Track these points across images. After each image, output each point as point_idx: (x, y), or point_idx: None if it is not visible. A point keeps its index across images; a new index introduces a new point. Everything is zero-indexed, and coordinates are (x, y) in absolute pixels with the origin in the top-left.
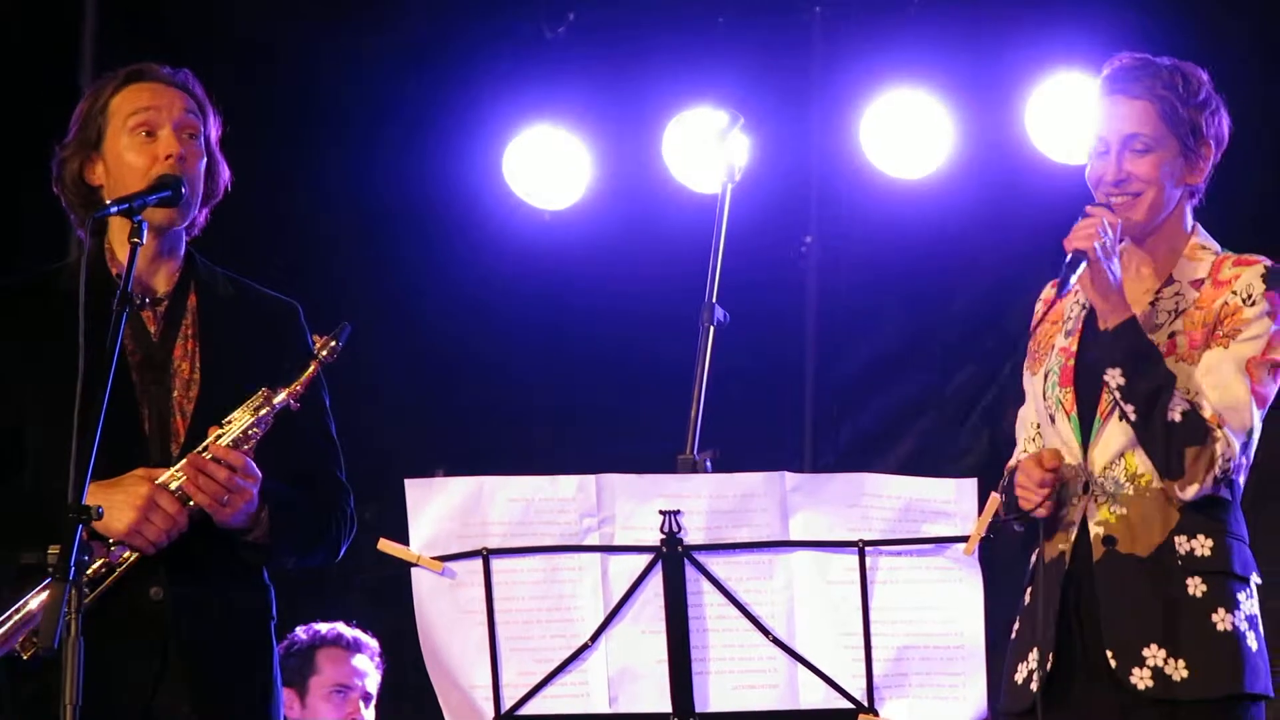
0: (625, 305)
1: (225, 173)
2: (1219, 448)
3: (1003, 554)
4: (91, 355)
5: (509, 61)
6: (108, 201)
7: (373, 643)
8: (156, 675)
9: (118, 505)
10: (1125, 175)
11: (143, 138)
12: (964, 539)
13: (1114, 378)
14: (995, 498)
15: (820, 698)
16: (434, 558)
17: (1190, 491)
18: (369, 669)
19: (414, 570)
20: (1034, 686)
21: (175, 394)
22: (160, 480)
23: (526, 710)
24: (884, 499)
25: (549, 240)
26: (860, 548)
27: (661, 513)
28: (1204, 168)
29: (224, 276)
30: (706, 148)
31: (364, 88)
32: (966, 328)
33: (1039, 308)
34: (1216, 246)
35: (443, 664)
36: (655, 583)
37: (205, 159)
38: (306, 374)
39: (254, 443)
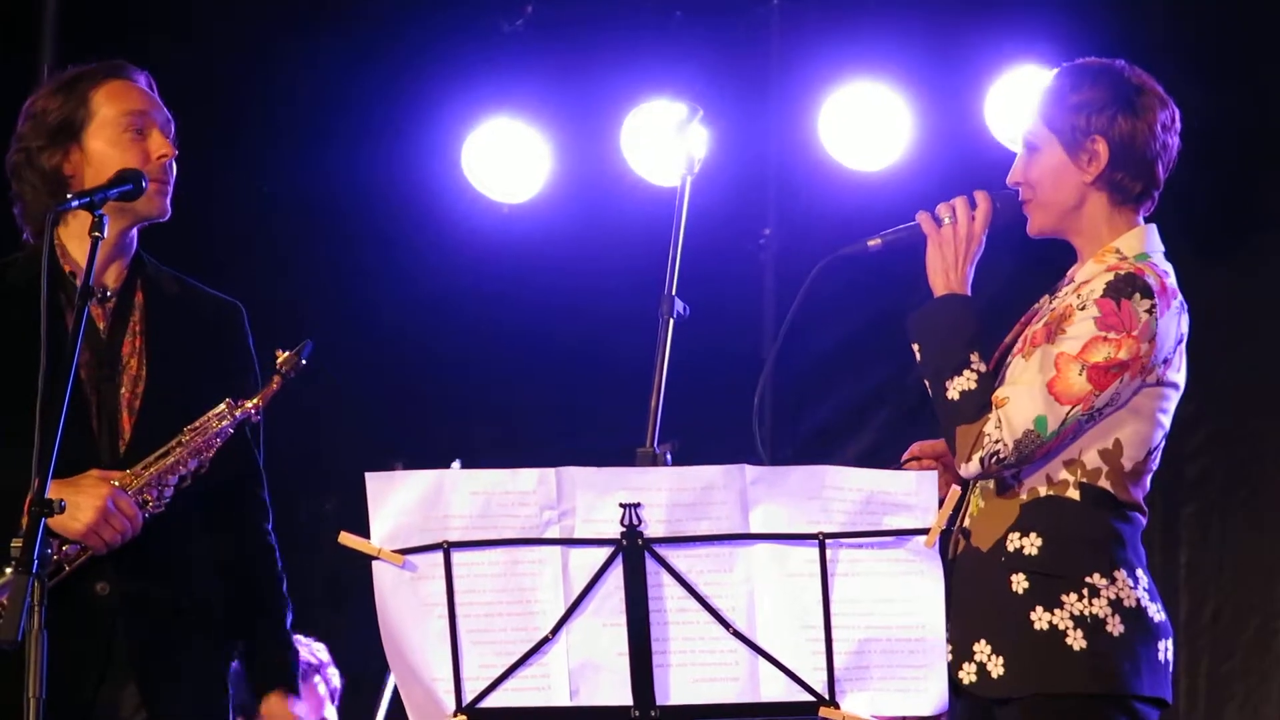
0: (584, 298)
1: None
2: (989, 428)
3: None
4: (48, 350)
5: (467, 54)
6: (69, 195)
7: (318, 653)
8: (100, 672)
9: (76, 506)
10: (1019, 176)
11: (133, 135)
12: (925, 531)
13: (916, 352)
14: (956, 490)
15: (781, 691)
16: (395, 551)
17: (965, 469)
18: (320, 693)
19: (375, 564)
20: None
21: (123, 390)
22: (119, 482)
23: (487, 703)
24: (844, 491)
25: (508, 233)
26: (821, 540)
27: (622, 505)
28: (1098, 164)
29: (169, 275)
30: (665, 140)
31: (320, 80)
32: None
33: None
34: (1139, 251)
35: (404, 657)
36: (616, 576)
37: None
38: (270, 389)
39: (213, 451)
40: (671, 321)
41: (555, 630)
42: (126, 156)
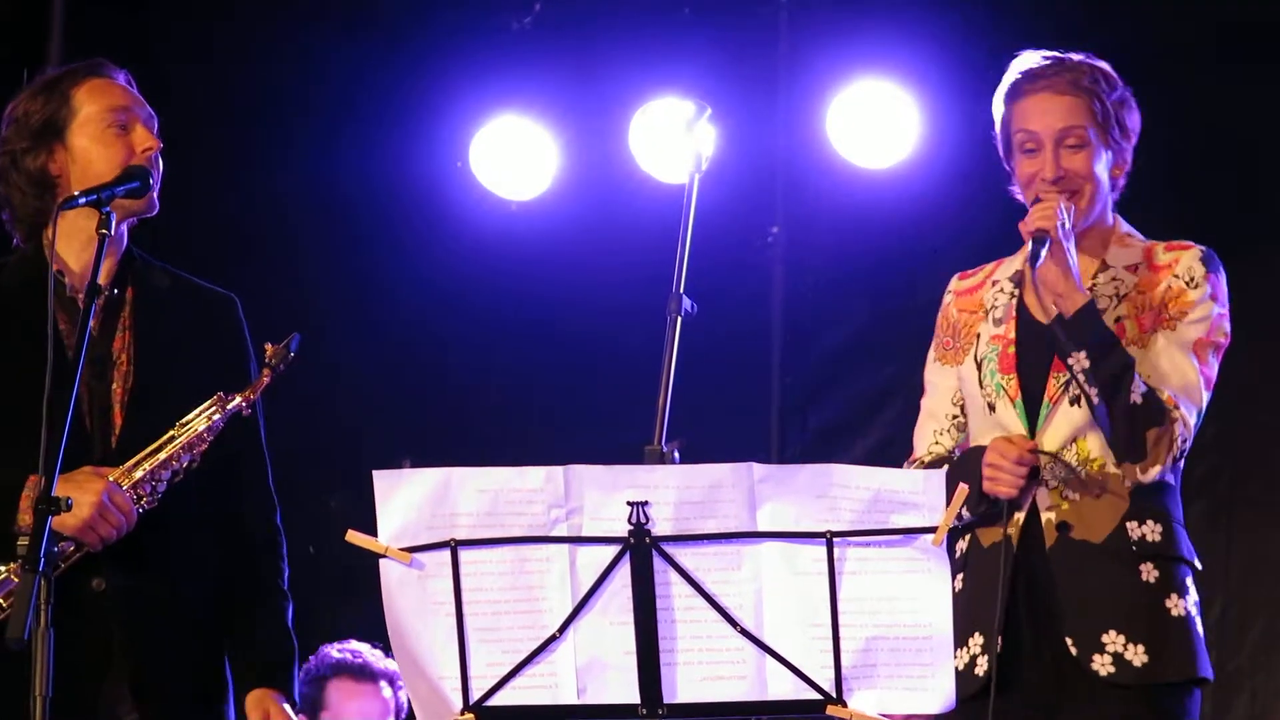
0: (592, 295)
1: None
2: (1178, 429)
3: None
4: (35, 350)
5: (475, 52)
6: (75, 191)
7: (389, 665)
8: (99, 668)
9: (74, 502)
10: (1063, 172)
11: (117, 131)
12: (932, 530)
13: (1078, 361)
14: (963, 488)
15: (789, 689)
16: (402, 549)
17: (1152, 473)
18: (385, 696)
19: (382, 561)
20: (979, 671)
21: (115, 386)
22: (113, 478)
23: (495, 701)
24: (852, 490)
25: (515, 231)
26: (828, 539)
27: (629, 504)
28: (1127, 160)
29: (160, 269)
30: (673, 138)
31: (329, 79)
32: (933, 317)
33: (947, 299)
34: (1141, 236)
35: (411, 655)
36: (623, 574)
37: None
38: (260, 382)
39: (206, 445)
40: (679, 319)
41: (563, 628)
42: (111, 152)
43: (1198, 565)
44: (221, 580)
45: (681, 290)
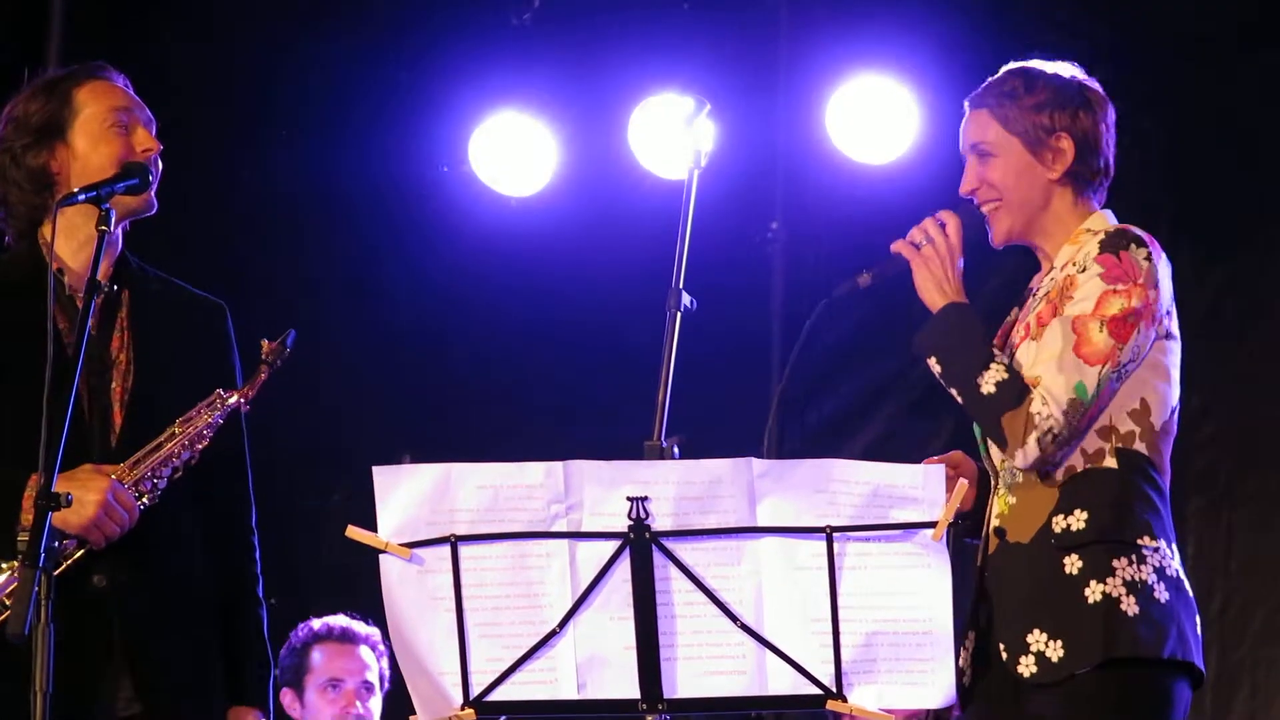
0: (592, 291)
1: None
2: (1035, 406)
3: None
4: (35, 349)
5: (474, 48)
6: (75, 189)
7: (371, 631)
8: (101, 664)
9: (79, 500)
10: (978, 183)
11: (118, 131)
12: (932, 525)
13: (933, 367)
14: (964, 483)
15: (789, 684)
16: (402, 544)
17: (1021, 458)
18: (367, 660)
19: (382, 557)
20: (966, 681)
21: (114, 385)
22: (115, 475)
23: (495, 697)
24: (851, 485)
25: (515, 226)
26: (828, 533)
27: (629, 499)
28: (1064, 160)
29: (153, 274)
30: (673, 133)
31: (328, 75)
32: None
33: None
34: (1109, 228)
35: (411, 650)
36: (623, 569)
37: None
38: (257, 378)
39: (206, 442)
40: (679, 315)
41: (563, 624)
42: (112, 151)
43: (1144, 541)
44: (212, 575)
45: (681, 286)
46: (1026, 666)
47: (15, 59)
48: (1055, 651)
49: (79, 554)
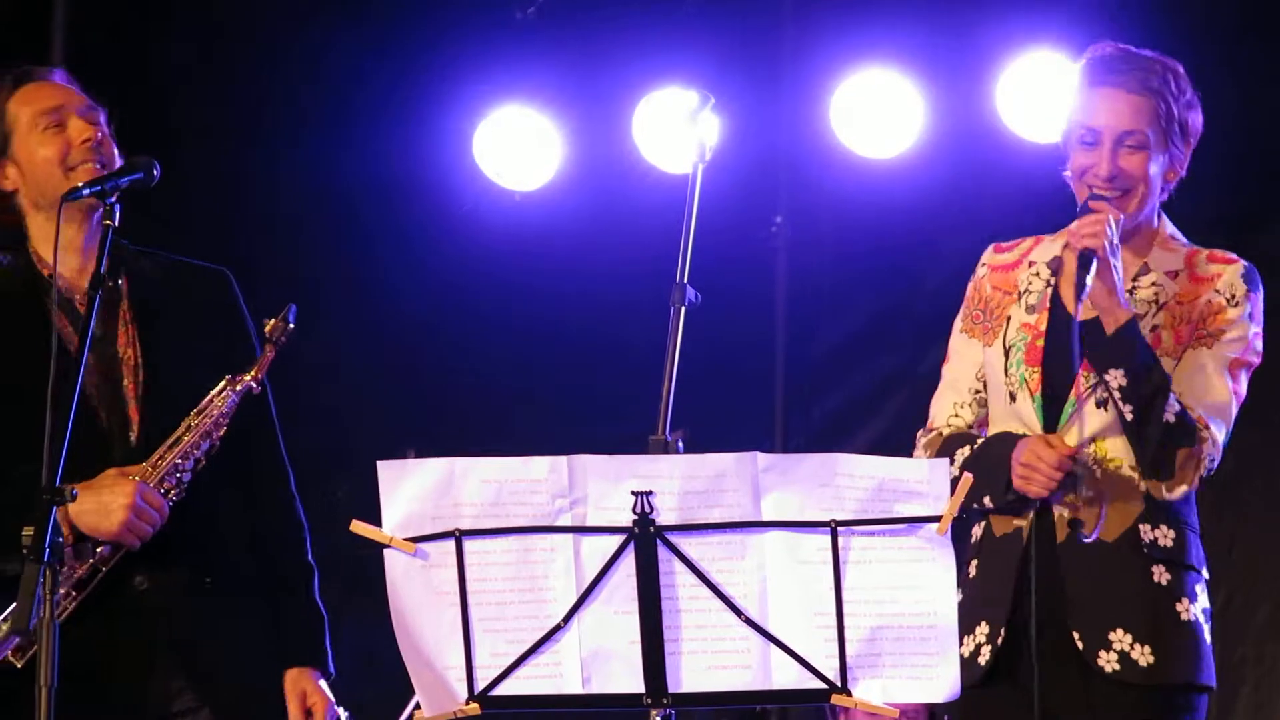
0: (596, 286)
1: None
2: (1206, 448)
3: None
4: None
5: (478, 42)
6: (28, 204)
7: None
8: (151, 662)
9: (106, 507)
10: (1117, 171)
11: (53, 131)
12: (937, 519)
13: (1116, 378)
14: (968, 478)
15: (793, 678)
16: (406, 539)
17: (1178, 492)
18: None
19: (386, 551)
20: (982, 660)
21: (126, 382)
22: (138, 476)
23: (499, 691)
24: (856, 479)
25: (519, 221)
26: (833, 528)
27: (634, 493)
28: (1184, 164)
29: (149, 255)
30: (677, 128)
31: (332, 69)
32: (937, 307)
33: (981, 271)
34: (1184, 239)
35: (416, 645)
36: (628, 563)
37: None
38: (265, 358)
39: (222, 430)
40: (683, 309)
41: (567, 618)
42: (50, 151)
43: (1207, 575)
44: (253, 558)
45: (685, 280)
46: (1109, 662)
47: (18, 56)
48: (1144, 657)
49: (116, 558)
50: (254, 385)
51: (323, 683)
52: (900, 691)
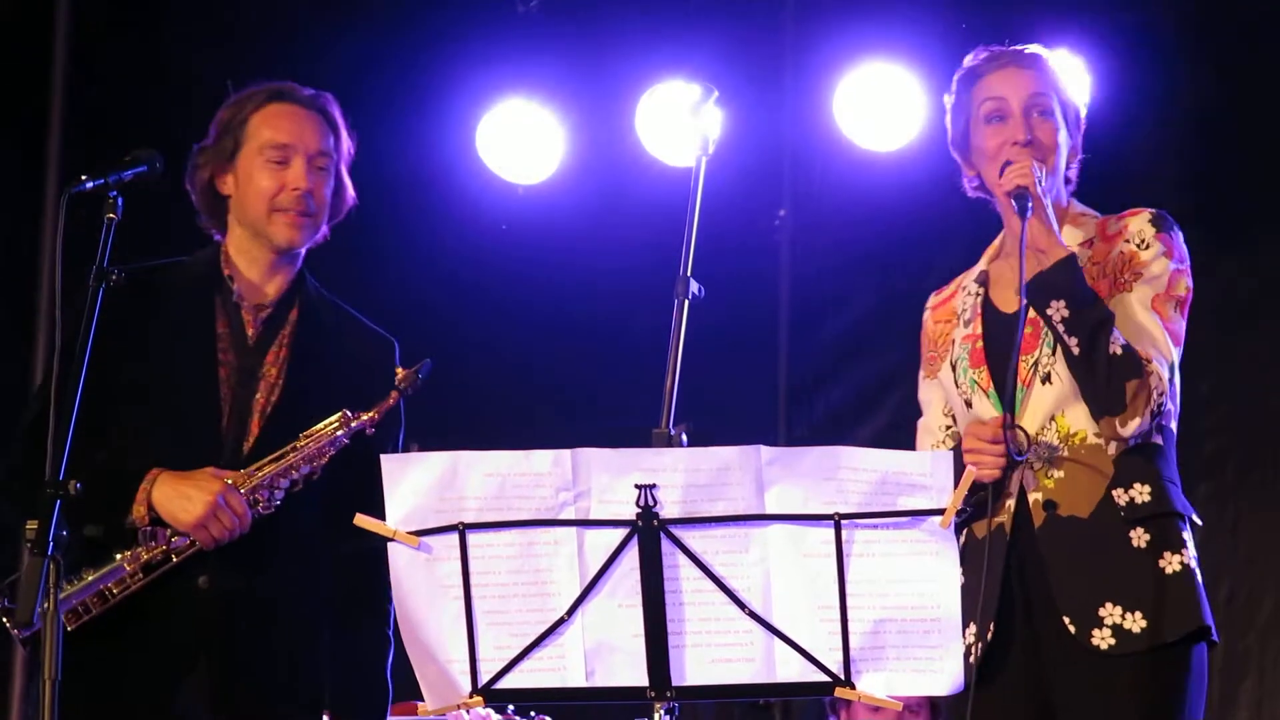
0: (599, 279)
1: (350, 192)
2: (1153, 381)
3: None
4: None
5: (481, 36)
6: (233, 213)
7: None
8: (186, 667)
9: (188, 498)
10: (1032, 138)
11: (274, 167)
12: (940, 512)
13: (1058, 310)
14: (971, 470)
15: (797, 671)
16: (410, 532)
17: (1131, 426)
18: None
19: (390, 545)
20: (971, 659)
21: (258, 397)
22: (232, 481)
23: (503, 684)
24: (859, 472)
25: (523, 214)
26: (836, 521)
27: (637, 486)
28: (1079, 147)
29: (329, 301)
30: (680, 121)
31: (335, 63)
32: None
33: (925, 316)
34: (1095, 213)
35: (420, 638)
36: (631, 557)
37: (333, 183)
38: (386, 403)
39: (326, 459)
40: (686, 302)
41: (571, 611)
42: (263, 182)
43: (1195, 519)
44: (330, 600)
45: (689, 273)
46: (1103, 639)
47: (23, 51)
48: (1135, 623)
49: (188, 552)
50: (369, 427)
51: None
52: (904, 684)
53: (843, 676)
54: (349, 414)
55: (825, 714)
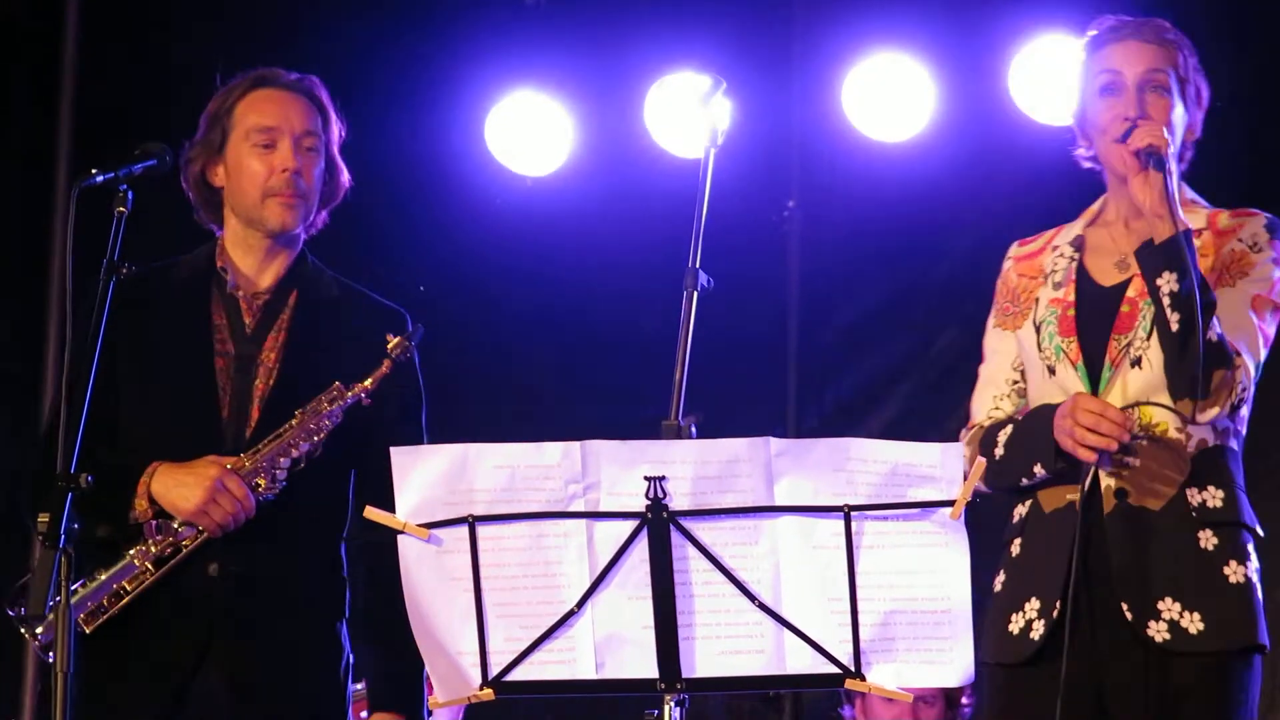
0: (608, 271)
1: (344, 175)
2: (1239, 375)
3: (988, 518)
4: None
5: (490, 27)
6: (227, 204)
7: None
8: (200, 653)
9: (186, 486)
10: (1145, 114)
11: (261, 151)
12: (950, 503)
13: (1168, 282)
14: (981, 462)
15: (807, 663)
16: (420, 525)
17: (1209, 414)
18: None
19: (400, 537)
20: (1035, 636)
21: (257, 383)
22: (230, 465)
23: (513, 676)
24: (869, 464)
25: (531, 206)
26: (846, 512)
27: (646, 478)
28: (1198, 128)
29: (332, 278)
30: (689, 112)
31: (343, 54)
32: (949, 291)
33: (1006, 265)
34: (1205, 202)
35: (429, 631)
36: (641, 549)
37: (324, 165)
38: (378, 371)
39: (324, 434)
40: (695, 294)
41: (581, 603)
42: (253, 166)
43: (1259, 532)
44: (348, 577)
45: (697, 265)
46: (1159, 632)
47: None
48: (1193, 624)
49: (197, 540)
50: (364, 396)
51: None
52: (914, 676)
53: (853, 668)
54: (343, 386)
55: (840, 703)
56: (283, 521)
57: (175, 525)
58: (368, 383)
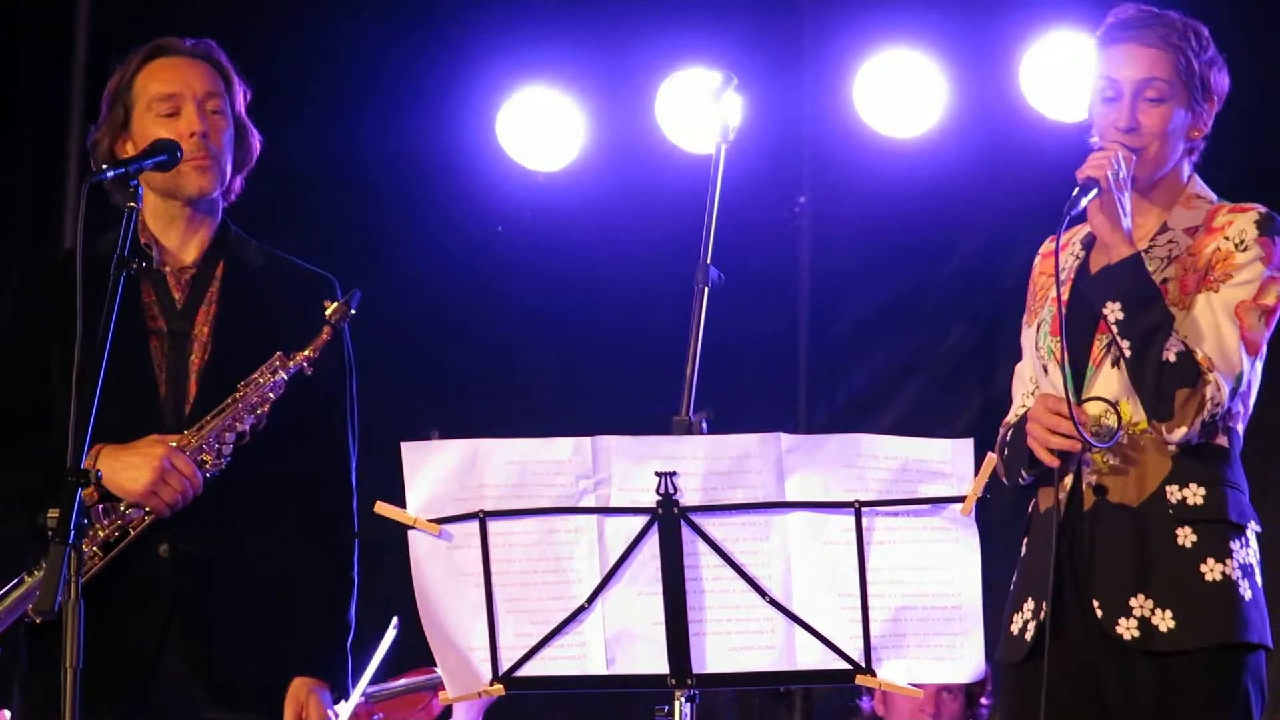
0: (619, 266)
1: (255, 139)
2: (1209, 391)
3: (998, 513)
4: (98, 320)
5: (502, 23)
6: (141, 178)
7: None
8: (160, 635)
9: (133, 467)
10: (1135, 124)
11: (166, 117)
12: (960, 499)
13: (1113, 311)
14: (992, 457)
15: (818, 659)
16: (430, 520)
17: (1178, 434)
18: None
19: (411, 533)
20: (1028, 637)
21: (193, 359)
22: (175, 443)
23: (524, 672)
24: (880, 459)
25: (543, 201)
26: (856, 508)
27: (657, 474)
28: (1207, 123)
29: (256, 246)
30: (700, 108)
31: (355, 50)
32: (960, 287)
33: (1036, 260)
34: (1213, 196)
35: (440, 626)
36: (652, 544)
37: (232, 128)
38: (320, 339)
39: (268, 405)
40: (706, 290)
41: (591, 599)
42: (159, 136)
43: (1254, 527)
44: (297, 550)
45: (708, 261)
46: (1128, 630)
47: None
48: (1164, 622)
49: (145, 522)
50: (305, 365)
51: (328, 697)
52: (924, 672)
53: (863, 664)
54: (284, 355)
55: (856, 695)
56: (228, 498)
57: (122, 508)
58: (309, 351)
